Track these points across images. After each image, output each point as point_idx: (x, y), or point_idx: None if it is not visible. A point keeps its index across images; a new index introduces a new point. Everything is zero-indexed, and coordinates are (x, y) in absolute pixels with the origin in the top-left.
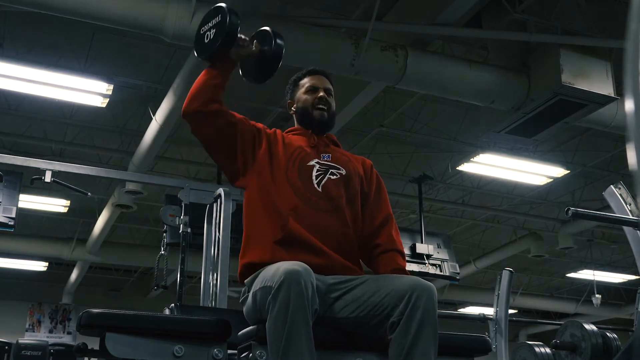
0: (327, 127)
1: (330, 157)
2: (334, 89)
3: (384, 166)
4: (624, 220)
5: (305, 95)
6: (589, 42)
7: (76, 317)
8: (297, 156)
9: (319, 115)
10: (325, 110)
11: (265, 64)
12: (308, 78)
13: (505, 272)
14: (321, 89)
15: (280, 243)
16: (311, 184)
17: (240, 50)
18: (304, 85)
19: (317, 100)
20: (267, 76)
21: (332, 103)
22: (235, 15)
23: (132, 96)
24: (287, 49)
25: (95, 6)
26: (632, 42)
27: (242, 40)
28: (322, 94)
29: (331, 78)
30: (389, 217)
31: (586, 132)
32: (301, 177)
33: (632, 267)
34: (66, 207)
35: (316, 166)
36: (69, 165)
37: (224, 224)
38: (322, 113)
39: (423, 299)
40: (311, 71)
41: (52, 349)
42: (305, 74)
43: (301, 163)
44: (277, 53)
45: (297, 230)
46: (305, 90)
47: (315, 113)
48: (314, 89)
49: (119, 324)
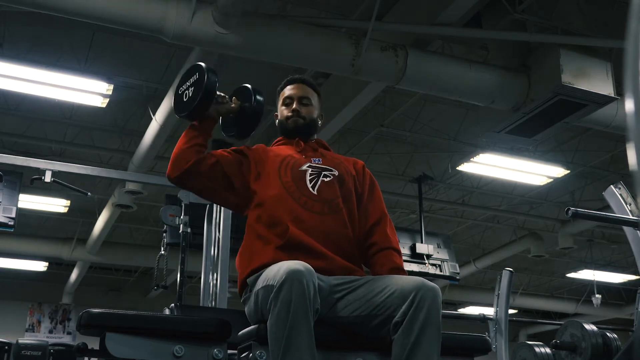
0: (307, 133)
1: (321, 161)
2: (333, 88)
3: (384, 166)
4: (624, 220)
5: (282, 107)
6: (589, 42)
7: (76, 317)
8: (288, 162)
9: (293, 123)
10: (299, 117)
11: (245, 120)
12: (287, 87)
13: (505, 272)
14: (295, 99)
15: (281, 248)
16: (306, 188)
17: (220, 107)
18: (282, 97)
19: (290, 113)
20: (248, 132)
21: (311, 111)
22: (213, 73)
23: (132, 96)
24: (288, 49)
25: (95, 6)
26: (632, 42)
27: (221, 97)
28: (295, 106)
29: (310, 83)
30: (383, 216)
31: (586, 132)
32: (295, 182)
33: (632, 267)
34: (66, 207)
35: (309, 170)
36: (69, 165)
37: (224, 224)
38: (296, 120)
39: (427, 300)
40: (289, 80)
41: (52, 349)
42: (284, 84)
43: (293, 168)
44: (257, 110)
45: (297, 236)
46: (282, 102)
47: (289, 123)
48: (289, 99)
49: (119, 324)
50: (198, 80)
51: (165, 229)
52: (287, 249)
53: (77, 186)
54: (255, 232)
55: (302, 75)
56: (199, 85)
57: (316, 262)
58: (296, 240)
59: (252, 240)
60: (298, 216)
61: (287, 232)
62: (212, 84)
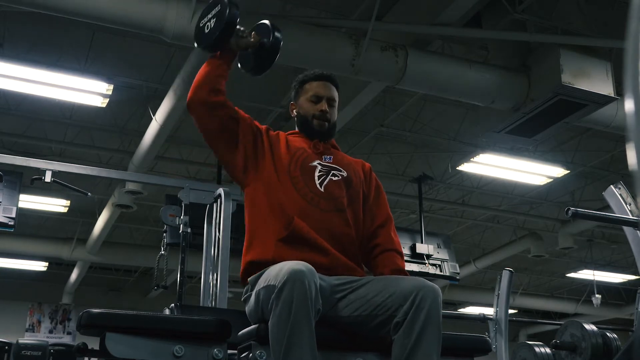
0: (327, 137)
1: (331, 159)
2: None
3: (384, 166)
4: (624, 220)
5: (308, 104)
6: (589, 42)
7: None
8: (299, 157)
9: (319, 126)
10: (325, 121)
11: (263, 56)
12: (315, 83)
13: (505, 272)
14: (324, 100)
15: (284, 241)
16: (314, 184)
17: (240, 40)
18: (309, 92)
19: (319, 113)
20: (264, 68)
21: (334, 114)
22: (234, 6)
23: (132, 96)
24: (288, 49)
25: (95, 6)
26: (632, 42)
27: (241, 31)
28: (325, 107)
29: (337, 83)
30: (388, 219)
31: (586, 132)
32: (304, 177)
33: (632, 267)
34: (66, 207)
35: (318, 167)
36: (69, 165)
37: (224, 224)
38: (322, 123)
39: (428, 301)
40: (319, 76)
41: (52, 349)
42: (312, 77)
43: (303, 164)
44: (275, 45)
45: (302, 229)
46: (309, 98)
47: (315, 123)
48: (317, 98)
49: (119, 324)
50: (220, 12)
51: (165, 229)
52: (290, 242)
53: (77, 186)
54: (262, 214)
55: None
56: (221, 18)
57: (318, 257)
58: (300, 233)
59: (257, 223)
60: (303, 211)
61: (291, 224)
62: (234, 16)
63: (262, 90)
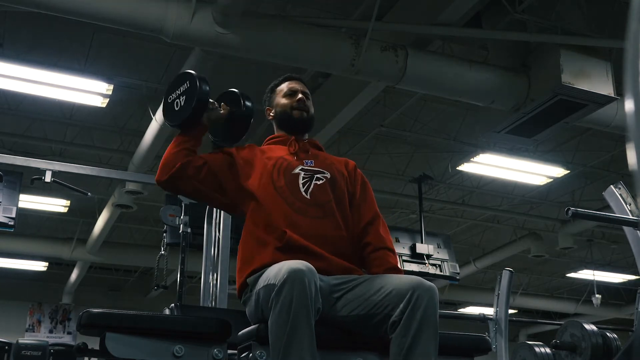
0: (307, 127)
1: (313, 163)
2: (333, 88)
3: (384, 166)
4: (624, 220)
5: (284, 99)
6: (589, 42)
7: (76, 317)
8: (280, 166)
9: (299, 115)
10: (304, 111)
11: (235, 126)
12: (285, 84)
13: (505, 272)
14: (299, 92)
15: (280, 250)
16: (299, 192)
17: (211, 114)
18: (282, 91)
19: (296, 103)
20: (237, 137)
21: (311, 106)
22: (204, 82)
23: (132, 96)
24: (288, 49)
25: (95, 6)
26: (632, 42)
27: (211, 104)
28: (301, 96)
29: (306, 84)
30: (376, 216)
31: (586, 132)
32: (289, 186)
33: (632, 267)
34: (66, 207)
35: (301, 173)
36: (69, 165)
37: (224, 224)
38: (302, 113)
39: (424, 299)
40: (288, 77)
41: (52, 349)
42: (282, 80)
43: (286, 172)
44: (247, 114)
45: (295, 240)
46: (284, 95)
47: (294, 113)
48: (292, 92)
49: (119, 324)
50: (190, 89)
51: (165, 229)
52: (286, 251)
53: (77, 186)
54: (254, 234)
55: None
56: (191, 95)
57: (315, 263)
58: (294, 243)
59: (251, 243)
60: (293, 222)
61: (284, 237)
62: (205, 94)
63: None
